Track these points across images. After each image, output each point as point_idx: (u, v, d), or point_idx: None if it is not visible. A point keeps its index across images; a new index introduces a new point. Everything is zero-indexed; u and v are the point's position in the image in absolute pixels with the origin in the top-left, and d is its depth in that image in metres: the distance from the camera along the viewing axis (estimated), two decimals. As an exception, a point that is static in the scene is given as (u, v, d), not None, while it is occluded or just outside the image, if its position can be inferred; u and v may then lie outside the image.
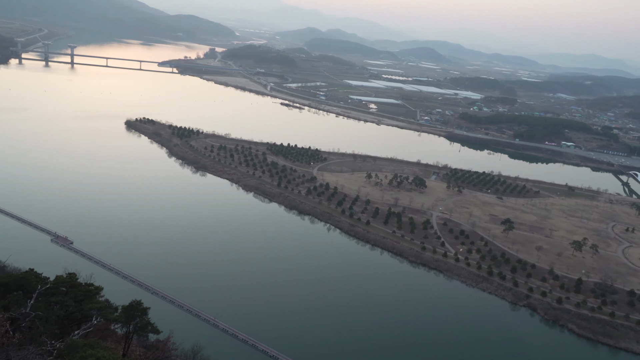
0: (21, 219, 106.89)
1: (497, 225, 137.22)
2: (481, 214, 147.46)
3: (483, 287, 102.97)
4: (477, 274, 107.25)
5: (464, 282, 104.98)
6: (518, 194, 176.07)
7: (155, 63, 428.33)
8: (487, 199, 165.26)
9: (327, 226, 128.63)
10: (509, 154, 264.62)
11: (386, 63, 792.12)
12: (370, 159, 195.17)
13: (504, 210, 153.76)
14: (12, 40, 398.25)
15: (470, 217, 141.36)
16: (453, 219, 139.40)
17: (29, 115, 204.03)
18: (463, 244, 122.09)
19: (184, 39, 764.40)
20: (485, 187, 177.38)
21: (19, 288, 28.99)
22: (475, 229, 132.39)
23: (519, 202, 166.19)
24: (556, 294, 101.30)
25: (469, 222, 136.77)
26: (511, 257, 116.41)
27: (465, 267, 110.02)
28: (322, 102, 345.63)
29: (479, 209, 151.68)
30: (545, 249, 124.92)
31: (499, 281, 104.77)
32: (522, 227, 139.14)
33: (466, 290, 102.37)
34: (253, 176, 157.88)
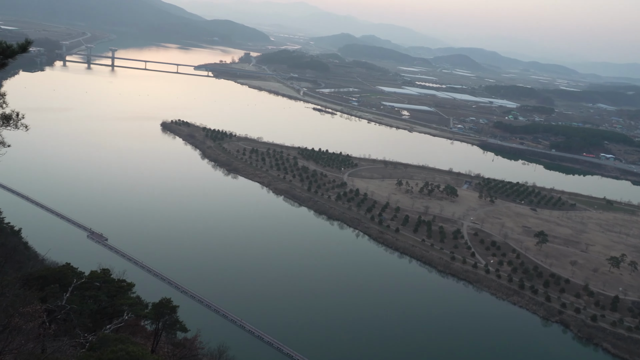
0: (60, 215, 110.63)
1: (530, 237, 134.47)
2: (514, 225, 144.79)
3: (514, 301, 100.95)
4: (507, 287, 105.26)
5: (494, 294, 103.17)
6: (553, 206, 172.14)
7: (191, 67, 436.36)
8: (521, 210, 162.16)
9: (355, 232, 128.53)
10: (545, 165, 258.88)
11: (420, 70, 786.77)
12: (401, 166, 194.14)
13: (538, 222, 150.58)
14: (58, 44, 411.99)
15: (503, 228, 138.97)
16: (484, 229, 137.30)
17: (71, 115, 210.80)
18: (494, 256, 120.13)
19: (220, 43, 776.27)
20: (519, 198, 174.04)
21: (56, 281, 30.10)
22: (507, 241, 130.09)
23: (553, 214, 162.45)
24: (591, 311, 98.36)
25: (500, 233, 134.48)
26: (544, 271, 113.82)
27: (495, 279, 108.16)
28: (355, 108, 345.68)
29: (512, 220, 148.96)
30: (580, 264, 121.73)
31: (530, 295, 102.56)
32: (556, 241, 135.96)
33: (496, 303, 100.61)
34: (284, 180, 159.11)
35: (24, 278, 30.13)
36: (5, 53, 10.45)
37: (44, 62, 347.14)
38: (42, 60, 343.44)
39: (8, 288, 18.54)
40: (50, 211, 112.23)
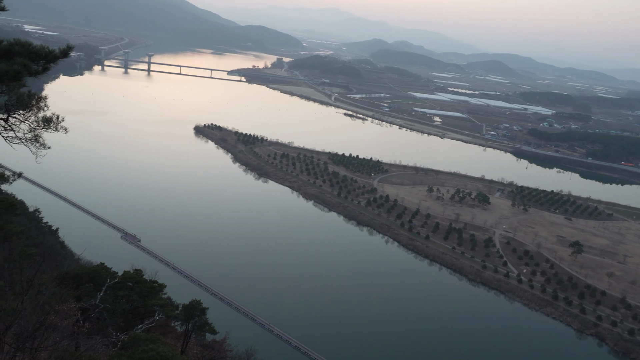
0: (95, 215, 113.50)
1: (565, 247, 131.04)
2: (548, 234, 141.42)
3: (547, 312, 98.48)
4: (541, 298, 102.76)
5: (527, 305, 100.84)
6: (589, 215, 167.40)
7: (224, 71, 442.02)
8: (555, 219, 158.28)
9: (385, 238, 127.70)
10: (581, 173, 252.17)
11: (452, 76, 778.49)
12: (432, 173, 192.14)
13: (573, 232, 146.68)
14: (97, 49, 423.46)
15: (536, 237, 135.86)
16: (517, 238, 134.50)
17: (108, 118, 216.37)
18: (527, 265, 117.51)
19: (253, 48, 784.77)
20: (553, 207, 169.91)
21: (90, 280, 30.81)
22: (540, 250, 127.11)
23: (589, 224, 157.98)
24: (628, 324, 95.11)
25: (534, 243, 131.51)
26: (579, 282, 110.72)
27: (528, 289, 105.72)
28: (386, 114, 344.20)
29: (546, 230, 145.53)
30: (617, 276, 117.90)
31: (564, 306, 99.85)
32: (592, 251, 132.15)
33: (528, 314, 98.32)
34: (314, 185, 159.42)
35: (60, 277, 30.95)
36: (48, 58, 10.80)
37: (83, 67, 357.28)
38: (81, 65, 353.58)
39: (45, 286, 19.07)
40: (86, 212, 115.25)
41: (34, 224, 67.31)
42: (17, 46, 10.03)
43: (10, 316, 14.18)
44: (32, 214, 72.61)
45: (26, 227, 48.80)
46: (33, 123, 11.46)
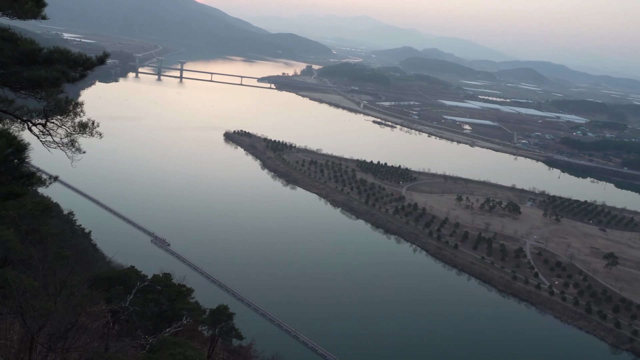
0: (126, 219, 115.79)
1: (599, 259, 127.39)
2: (581, 245, 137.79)
3: (580, 325, 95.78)
4: (573, 310, 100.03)
5: (559, 317, 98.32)
6: (624, 226, 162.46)
7: (255, 79, 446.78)
8: (589, 230, 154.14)
9: (413, 247, 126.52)
10: (616, 183, 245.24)
11: (483, 83, 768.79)
12: (461, 181, 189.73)
13: (607, 243, 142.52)
14: (132, 56, 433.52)
15: (568, 248, 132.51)
16: (549, 249, 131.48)
17: (141, 124, 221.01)
18: (559, 277, 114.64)
19: (283, 56, 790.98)
20: (587, 218, 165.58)
21: (121, 283, 31.36)
22: (573, 262, 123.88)
23: (625, 235, 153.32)
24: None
25: (566, 254, 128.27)
26: (614, 295, 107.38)
27: (560, 301, 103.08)
28: (415, 122, 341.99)
29: (579, 241, 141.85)
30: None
31: (598, 320, 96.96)
32: (627, 264, 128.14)
33: (560, 327, 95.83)
34: (341, 192, 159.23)
35: (91, 279, 31.58)
36: (85, 65, 11.07)
37: (118, 74, 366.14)
38: (116, 72, 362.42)
39: (77, 288, 19.45)
40: (118, 215, 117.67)
41: (68, 227, 69.01)
42: (57, 54, 10.31)
43: (43, 316, 14.49)
44: (66, 216, 74.49)
45: (60, 229, 50.10)
46: (70, 128, 11.75)
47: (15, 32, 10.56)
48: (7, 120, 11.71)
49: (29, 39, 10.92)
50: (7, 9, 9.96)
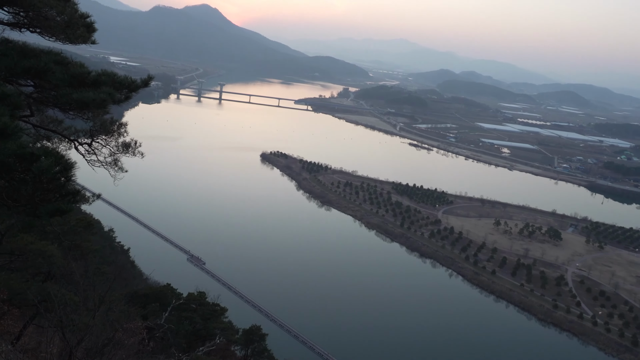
0: (163, 237, 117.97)
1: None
2: (626, 274, 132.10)
3: (625, 359, 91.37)
4: (618, 343, 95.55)
5: (603, 350, 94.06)
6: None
7: (292, 100, 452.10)
8: (635, 258, 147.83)
9: (449, 272, 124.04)
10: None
11: (522, 106, 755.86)
12: (499, 205, 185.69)
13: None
14: (174, 78, 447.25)
15: (613, 277, 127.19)
16: (592, 277, 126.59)
17: (180, 144, 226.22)
18: (603, 307, 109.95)
19: (320, 78, 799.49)
20: (632, 245, 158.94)
21: (157, 300, 31.82)
22: (618, 291, 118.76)
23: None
24: None
25: (610, 283, 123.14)
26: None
27: (604, 332, 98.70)
28: (452, 144, 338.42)
29: (624, 269, 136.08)
30: None
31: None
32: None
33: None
34: (376, 214, 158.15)
35: (129, 295, 32.17)
36: (130, 87, 11.49)
37: (160, 95, 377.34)
38: (159, 94, 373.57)
39: (115, 303, 19.87)
40: (156, 233, 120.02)
41: (108, 243, 70.71)
42: (104, 76, 10.74)
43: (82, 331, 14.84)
44: (106, 233, 76.39)
45: (101, 245, 51.40)
46: (113, 148, 12.14)
47: (66, 56, 11.07)
48: (55, 140, 12.23)
49: (79, 62, 11.42)
50: (60, 34, 10.48)
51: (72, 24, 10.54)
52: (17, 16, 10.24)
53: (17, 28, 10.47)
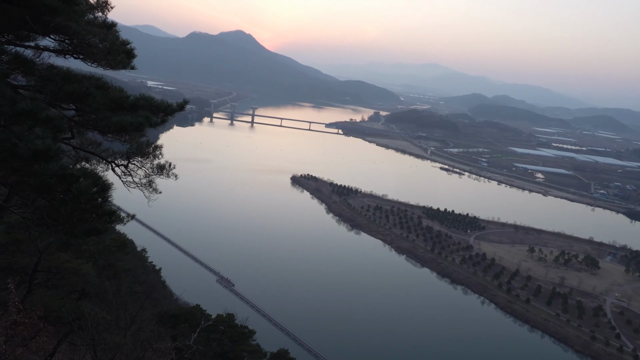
0: (194, 257, 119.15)
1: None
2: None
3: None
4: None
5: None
6: None
7: (322, 124, 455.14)
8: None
9: (481, 299, 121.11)
10: None
11: (557, 131, 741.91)
12: (533, 232, 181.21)
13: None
14: (207, 102, 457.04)
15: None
16: (632, 308, 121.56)
17: (212, 166, 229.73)
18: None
19: (351, 102, 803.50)
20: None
21: (186, 321, 32.01)
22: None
23: None
24: None
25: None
26: None
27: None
28: (484, 169, 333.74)
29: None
30: None
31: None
32: None
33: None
34: (407, 239, 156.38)
35: (159, 315, 32.49)
36: (166, 111, 11.84)
37: (194, 118, 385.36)
38: (193, 117, 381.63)
39: (146, 323, 20.08)
40: (186, 253, 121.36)
41: (140, 263, 71.70)
42: (142, 100, 11.10)
43: (113, 349, 15.05)
44: (139, 253, 77.52)
45: (133, 265, 52.23)
46: (149, 169, 12.45)
47: (107, 81, 11.51)
48: (94, 161, 12.64)
49: (118, 87, 11.85)
50: (102, 60, 10.92)
51: (114, 51, 10.98)
52: (62, 43, 10.73)
53: (62, 55, 10.96)
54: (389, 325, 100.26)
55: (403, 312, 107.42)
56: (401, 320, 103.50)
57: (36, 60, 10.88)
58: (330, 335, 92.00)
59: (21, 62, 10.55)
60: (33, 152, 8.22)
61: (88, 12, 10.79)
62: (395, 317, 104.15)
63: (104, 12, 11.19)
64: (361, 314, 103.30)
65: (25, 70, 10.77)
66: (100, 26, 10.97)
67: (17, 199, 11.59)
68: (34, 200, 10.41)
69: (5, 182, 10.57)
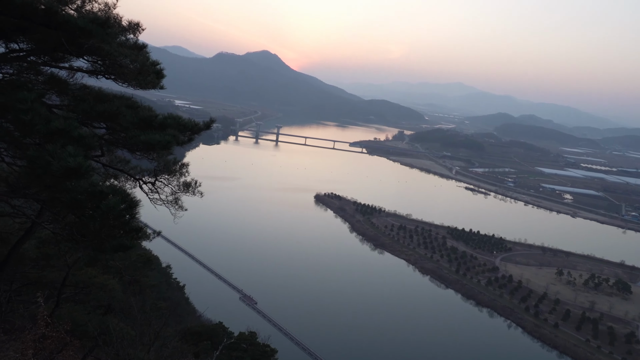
0: (218, 275, 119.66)
1: None
2: None
3: None
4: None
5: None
6: None
7: (347, 143, 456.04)
8: None
9: (507, 322, 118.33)
10: None
11: (585, 151, 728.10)
12: (562, 254, 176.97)
13: None
14: (233, 121, 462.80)
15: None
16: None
17: (237, 184, 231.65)
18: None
19: (375, 121, 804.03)
20: None
21: (209, 338, 32.11)
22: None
23: None
24: None
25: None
26: None
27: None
28: (510, 189, 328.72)
29: None
30: None
31: None
32: None
33: None
34: (431, 259, 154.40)
35: (182, 332, 32.67)
36: (193, 130, 12.09)
37: (220, 137, 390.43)
38: (219, 135, 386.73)
39: (169, 340, 20.22)
40: (210, 270, 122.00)
41: (165, 279, 72.30)
42: (170, 119, 11.37)
43: (137, 365, 15.17)
44: (164, 269, 78.19)
45: (158, 281, 52.69)
46: (175, 187, 12.66)
47: (136, 100, 11.83)
48: (122, 178, 12.94)
49: (147, 106, 12.16)
50: (132, 80, 11.25)
51: (144, 71, 11.30)
52: (95, 64, 11.10)
53: (95, 75, 11.33)
54: (413, 347, 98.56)
55: (428, 335, 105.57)
56: (426, 343, 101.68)
57: (70, 80, 11.29)
58: (351, 355, 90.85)
59: (56, 83, 10.95)
60: (65, 169, 8.48)
61: (120, 34, 11.17)
62: (420, 339, 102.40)
63: (135, 34, 11.56)
64: (386, 335, 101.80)
65: (60, 90, 11.18)
66: (131, 47, 11.33)
67: (48, 215, 11.91)
68: (64, 216, 10.69)
69: (38, 198, 10.90)
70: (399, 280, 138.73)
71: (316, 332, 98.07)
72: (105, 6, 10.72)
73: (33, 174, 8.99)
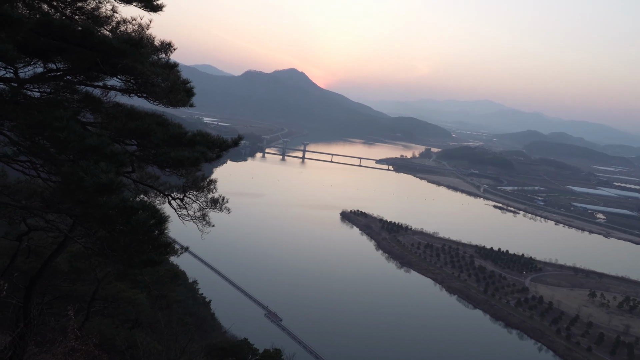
0: (243, 291, 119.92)
1: None
2: None
3: None
4: None
5: None
6: None
7: (373, 160, 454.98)
8: None
9: (538, 345, 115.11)
10: None
11: (619, 170, 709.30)
12: (594, 275, 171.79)
13: None
14: (260, 138, 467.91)
15: None
16: None
17: (264, 200, 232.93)
18: None
19: (402, 139, 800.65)
20: None
21: (234, 355, 32.10)
22: None
23: None
24: None
25: None
26: None
27: None
28: (540, 208, 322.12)
29: None
30: None
31: None
32: None
33: None
34: (458, 278, 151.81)
35: (208, 347, 32.73)
36: (222, 147, 12.29)
37: (247, 153, 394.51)
38: (246, 152, 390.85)
39: (195, 355, 20.29)
40: (236, 286, 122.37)
41: (191, 295, 72.82)
42: (199, 136, 11.59)
43: (163, 380, 15.26)
44: (191, 284, 78.83)
45: (185, 296, 53.14)
46: (203, 203, 12.83)
47: (167, 118, 12.11)
48: (152, 194, 13.19)
49: (177, 123, 12.43)
50: (164, 98, 11.54)
51: (175, 89, 11.58)
52: (127, 83, 11.44)
53: (127, 93, 11.66)
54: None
55: (459, 356, 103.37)
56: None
57: (104, 98, 11.64)
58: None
59: (90, 101, 11.30)
60: (97, 185, 8.70)
61: (153, 54, 11.50)
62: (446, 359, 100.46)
63: (167, 54, 11.89)
64: (412, 355, 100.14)
65: (94, 108, 11.52)
66: (163, 66, 11.64)
67: (80, 229, 12.20)
68: (96, 231, 10.94)
69: (71, 213, 11.18)
70: (426, 300, 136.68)
71: (341, 350, 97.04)
72: (139, 27, 11.08)
73: (67, 189, 9.24)
